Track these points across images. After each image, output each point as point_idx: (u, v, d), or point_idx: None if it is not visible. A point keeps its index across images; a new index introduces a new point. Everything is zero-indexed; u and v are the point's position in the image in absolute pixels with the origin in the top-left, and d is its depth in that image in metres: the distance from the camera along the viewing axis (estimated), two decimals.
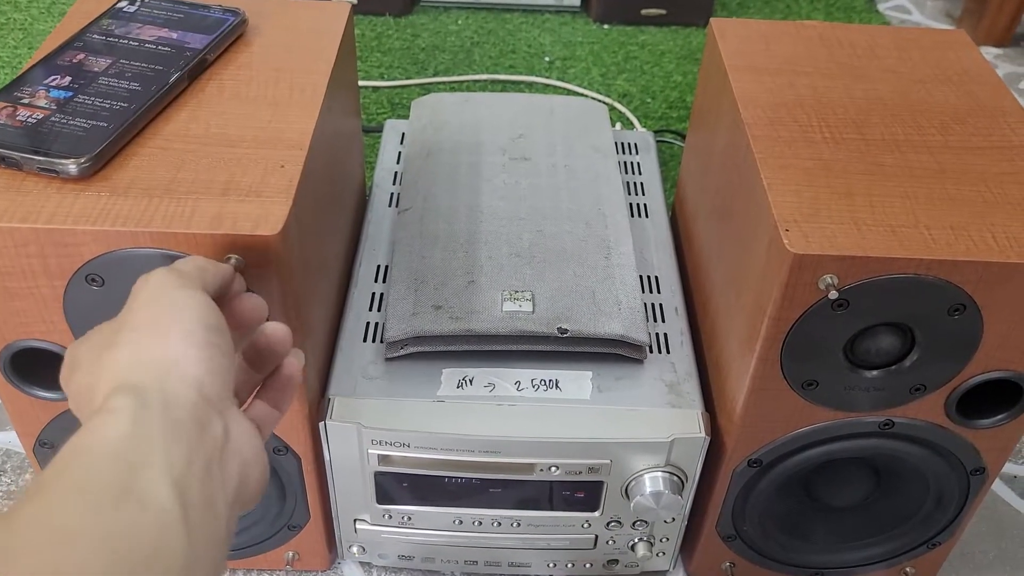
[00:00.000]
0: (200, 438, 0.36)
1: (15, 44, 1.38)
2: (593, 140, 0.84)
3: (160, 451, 0.34)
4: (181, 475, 0.34)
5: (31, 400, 0.60)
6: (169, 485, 0.33)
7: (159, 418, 0.35)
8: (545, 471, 0.64)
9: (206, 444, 0.36)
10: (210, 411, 0.37)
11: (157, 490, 0.33)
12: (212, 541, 0.34)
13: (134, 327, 0.39)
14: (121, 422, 0.35)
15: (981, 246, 0.53)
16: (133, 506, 0.32)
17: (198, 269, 0.43)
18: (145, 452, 0.34)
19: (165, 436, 0.35)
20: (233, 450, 0.38)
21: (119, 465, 0.33)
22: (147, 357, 0.37)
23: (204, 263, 0.44)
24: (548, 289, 0.68)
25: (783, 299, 0.54)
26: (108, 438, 0.34)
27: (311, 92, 0.61)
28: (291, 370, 0.47)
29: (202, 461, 0.35)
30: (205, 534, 0.34)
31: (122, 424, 0.34)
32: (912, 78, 0.68)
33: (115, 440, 0.34)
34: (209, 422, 0.37)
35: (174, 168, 0.54)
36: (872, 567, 0.74)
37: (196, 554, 0.33)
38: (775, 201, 0.55)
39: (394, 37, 1.46)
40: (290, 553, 0.73)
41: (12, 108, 0.54)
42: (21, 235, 0.50)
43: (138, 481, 0.33)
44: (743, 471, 0.65)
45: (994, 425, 0.61)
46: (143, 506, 0.32)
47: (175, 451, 0.34)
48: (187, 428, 0.36)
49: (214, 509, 0.35)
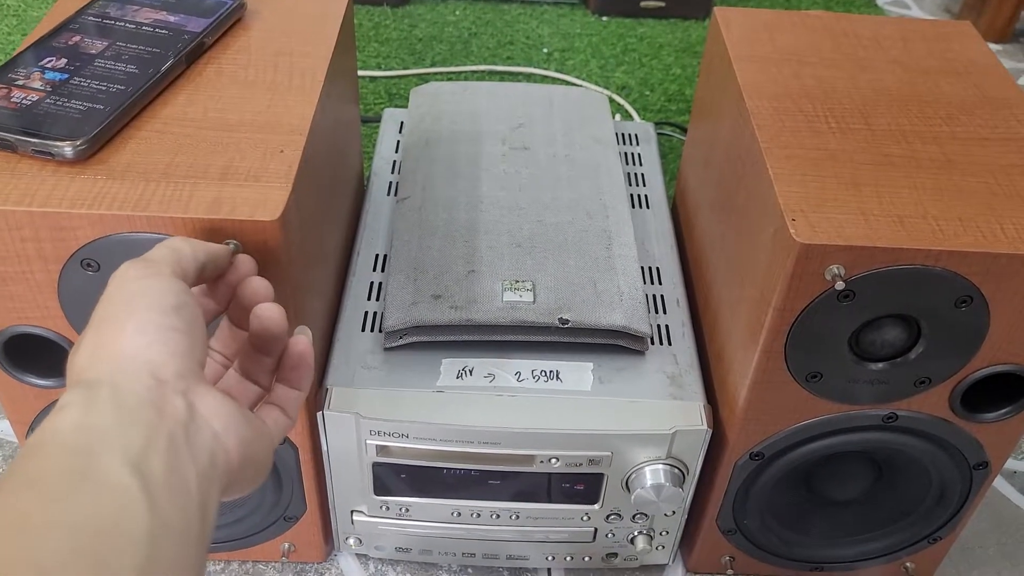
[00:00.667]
0: (158, 419, 0.36)
1: (8, 30, 1.37)
2: (594, 130, 0.84)
3: (115, 436, 0.34)
4: (139, 455, 0.34)
5: (24, 387, 0.59)
6: (125, 464, 0.33)
7: (110, 407, 0.35)
8: (545, 463, 0.63)
9: (166, 423, 0.36)
10: (167, 392, 0.37)
11: (114, 471, 0.33)
12: (180, 511, 0.34)
13: (94, 324, 0.39)
14: (71, 416, 0.35)
15: (989, 237, 0.52)
16: (90, 488, 0.32)
17: (172, 251, 0.43)
18: (99, 438, 0.34)
19: (119, 422, 0.35)
20: (201, 425, 0.37)
21: (74, 452, 0.33)
22: (102, 351, 0.38)
23: (180, 244, 0.43)
24: (549, 279, 0.67)
25: (788, 290, 0.53)
26: (61, 432, 0.34)
27: (311, 77, 0.60)
28: (300, 347, 0.47)
29: (164, 440, 0.35)
30: (171, 504, 0.34)
31: (72, 417, 0.35)
32: (918, 69, 0.67)
33: (67, 432, 0.34)
34: (166, 402, 0.36)
35: (171, 152, 0.53)
36: (872, 562, 0.73)
37: (162, 525, 0.33)
38: (781, 191, 0.55)
39: (392, 27, 1.45)
40: (286, 544, 0.72)
41: (7, 89, 0.53)
42: (15, 218, 0.49)
43: (94, 465, 0.33)
44: (744, 464, 0.64)
45: (998, 419, 0.61)
46: (100, 487, 0.32)
47: (131, 434, 0.34)
48: (142, 412, 0.35)
49: (183, 483, 0.35)
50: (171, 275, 0.41)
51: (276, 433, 0.45)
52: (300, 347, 0.47)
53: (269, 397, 0.46)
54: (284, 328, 0.46)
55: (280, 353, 0.47)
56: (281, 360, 0.47)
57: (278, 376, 0.47)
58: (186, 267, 0.42)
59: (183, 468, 0.35)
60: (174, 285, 0.40)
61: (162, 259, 0.42)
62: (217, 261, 0.45)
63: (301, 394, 0.47)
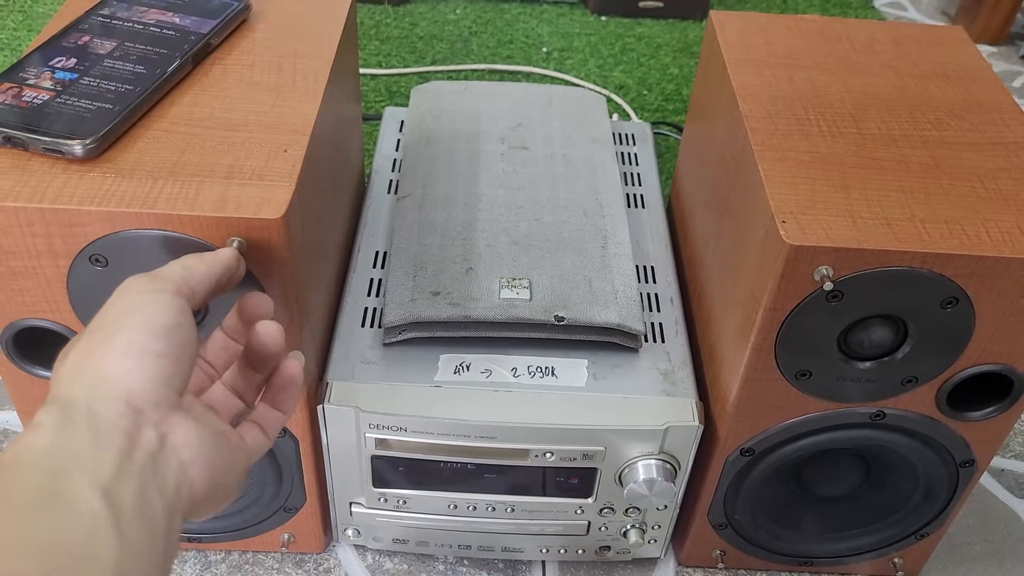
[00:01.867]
0: (130, 447, 0.36)
1: (14, 26, 1.38)
2: (591, 130, 0.85)
3: (87, 459, 0.34)
4: (109, 481, 0.34)
5: (32, 379, 0.60)
6: (97, 489, 0.33)
7: (83, 430, 0.35)
8: (540, 457, 0.65)
9: (138, 452, 0.36)
10: (139, 421, 0.37)
11: (86, 495, 0.33)
12: (148, 539, 0.34)
13: (87, 333, 0.39)
14: (44, 436, 0.35)
15: (975, 240, 0.53)
16: (62, 510, 0.32)
17: (183, 269, 0.43)
18: (70, 460, 0.34)
19: (92, 445, 0.35)
20: (169, 456, 0.38)
21: (45, 474, 0.33)
22: (85, 368, 0.38)
23: (193, 262, 0.44)
24: (545, 277, 0.68)
25: (778, 290, 0.55)
26: (33, 451, 0.34)
27: (314, 78, 0.62)
28: (292, 370, 0.47)
29: (134, 468, 0.36)
30: (139, 532, 0.34)
31: (46, 437, 0.35)
32: (910, 73, 0.68)
33: (39, 452, 0.34)
34: (138, 431, 0.37)
35: (178, 151, 0.54)
36: (861, 557, 0.75)
37: (129, 550, 0.33)
38: (772, 193, 0.56)
39: (392, 26, 1.46)
40: (286, 535, 0.74)
41: (18, 89, 0.54)
42: (26, 215, 0.50)
43: (65, 487, 0.33)
44: (735, 460, 0.66)
45: (984, 418, 0.62)
46: (72, 510, 0.33)
47: (103, 459, 0.35)
48: (113, 438, 0.36)
49: (150, 512, 0.35)
50: (174, 293, 0.41)
51: (253, 451, 0.45)
52: (292, 370, 0.47)
53: (251, 415, 0.47)
54: (281, 347, 0.46)
55: (270, 372, 0.47)
56: (270, 379, 0.48)
57: (264, 395, 0.48)
58: (196, 286, 0.43)
59: (151, 497, 0.36)
60: (173, 305, 0.40)
61: (170, 276, 0.42)
62: (231, 272, 0.46)
63: (284, 417, 0.48)
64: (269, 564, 0.76)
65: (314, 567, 0.76)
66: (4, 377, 0.60)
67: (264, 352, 0.46)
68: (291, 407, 0.48)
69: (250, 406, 0.47)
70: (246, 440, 0.44)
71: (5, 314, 0.56)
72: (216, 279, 0.45)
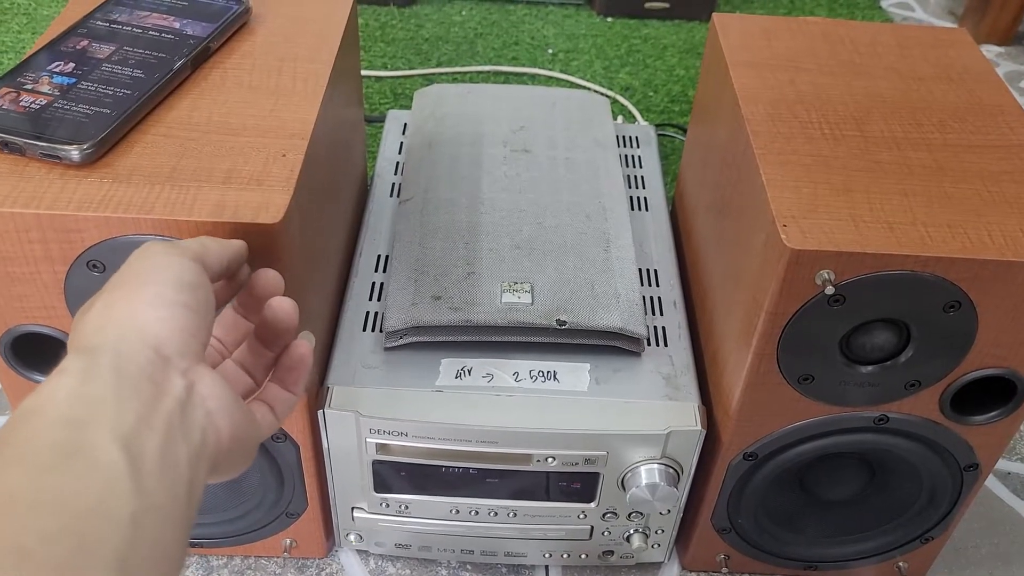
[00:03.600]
0: (155, 395, 0.36)
1: (19, 29, 1.38)
2: (594, 133, 0.85)
3: (109, 408, 0.34)
4: (131, 430, 0.34)
5: (31, 385, 0.60)
6: (116, 440, 0.33)
7: (109, 377, 0.35)
8: (542, 462, 0.64)
9: (163, 401, 0.36)
10: (167, 369, 0.37)
11: (104, 446, 0.33)
12: (169, 491, 0.34)
13: (108, 289, 0.39)
14: (70, 382, 0.35)
15: (977, 244, 0.53)
16: (79, 464, 0.32)
17: (199, 244, 0.44)
18: (92, 410, 0.34)
19: (116, 393, 0.35)
20: (196, 403, 0.38)
21: (66, 425, 0.33)
22: (111, 317, 0.38)
23: (209, 242, 0.45)
24: (547, 281, 0.68)
25: (780, 294, 0.54)
26: (56, 399, 0.34)
27: (313, 82, 0.61)
28: (302, 349, 0.48)
29: (160, 415, 0.35)
30: (159, 484, 0.34)
31: (71, 384, 0.35)
32: (913, 76, 0.68)
33: (63, 400, 0.34)
34: (166, 379, 0.37)
35: (176, 156, 0.54)
36: (865, 561, 0.74)
37: (147, 503, 0.33)
38: (774, 196, 0.55)
39: (398, 27, 1.46)
40: (288, 540, 0.74)
41: (15, 93, 0.54)
42: (23, 220, 0.50)
43: (84, 439, 0.33)
44: (738, 464, 0.65)
45: (988, 422, 0.62)
46: (90, 464, 0.32)
47: (125, 407, 0.35)
48: (140, 386, 0.36)
49: (173, 460, 0.35)
50: (193, 258, 0.42)
51: (264, 428, 0.45)
52: (302, 349, 0.48)
53: (261, 394, 0.47)
54: (295, 323, 0.47)
55: (281, 351, 0.48)
56: (280, 359, 0.48)
57: (274, 375, 0.48)
58: (210, 261, 0.43)
59: (175, 447, 0.35)
60: (195, 267, 0.41)
61: (189, 246, 0.43)
62: (240, 260, 0.47)
63: (293, 397, 0.48)
64: (271, 569, 0.76)
65: (316, 572, 0.76)
66: (3, 383, 0.60)
67: (277, 328, 0.47)
68: (301, 388, 0.48)
69: (259, 384, 0.48)
70: (256, 416, 0.45)
71: (3, 320, 0.56)
72: (228, 261, 0.45)
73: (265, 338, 0.47)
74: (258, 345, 0.48)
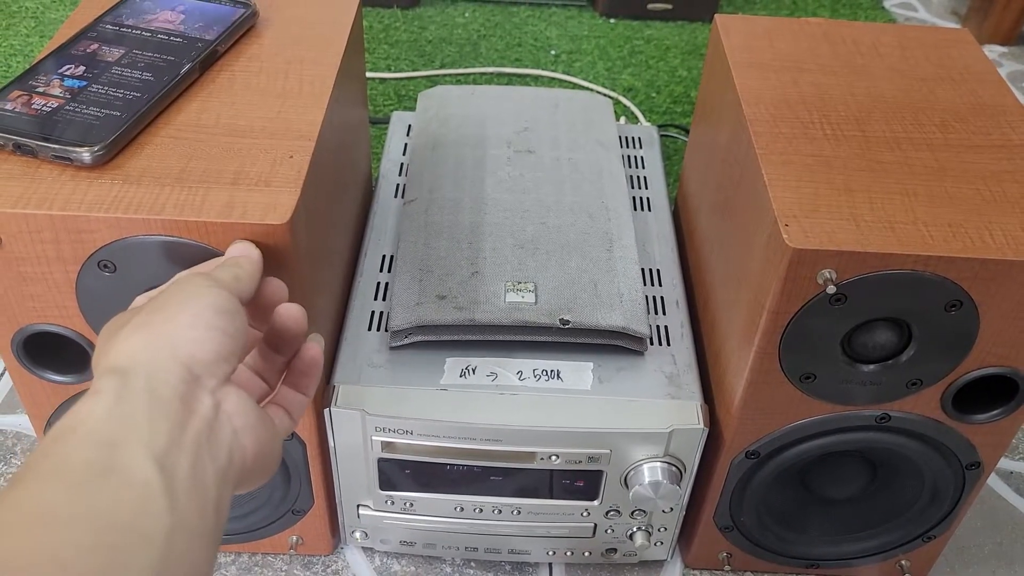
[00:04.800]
0: (185, 415, 0.37)
1: (27, 32, 1.39)
2: (597, 134, 0.85)
3: (143, 428, 0.35)
4: (164, 449, 0.35)
5: (43, 383, 0.61)
6: (150, 459, 0.34)
7: (142, 397, 0.36)
8: (545, 460, 0.65)
9: (193, 420, 0.37)
10: (197, 389, 0.38)
11: (138, 464, 0.34)
12: (199, 510, 0.35)
13: (147, 311, 0.41)
14: (104, 402, 0.36)
15: (978, 243, 0.53)
16: (114, 481, 0.33)
17: (234, 278, 0.45)
18: (126, 430, 0.35)
19: (148, 414, 0.36)
20: (223, 422, 0.39)
21: (101, 443, 0.34)
22: (146, 338, 0.39)
23: (242, 273, 0.46)
24: (551, 281, 0.69)
25: (782, 293, 0.55)
26: (91, 418, 0.35)
27: (320, 84, 0.62)
28: (312, 352, 0.49)
29: (191, 435, 0.36)
30: (190, 503, 0.35)
31: (105, 404, 0.36)
32: (914, 76, 0.68)
33: (98, 420, 0.35)
34: (195, 399, 0.38)
35: (185, 157, 0.55)
36: (867, 559, 0.75)
37: (180, 521, 0.34)
38: (775, 196, 0.56)
39: (401, 29, 1.47)
40: (294, 537, 0.74)
41: (27, 96, 0.55)
42: (36, 221, 0.51)
43: (119, 458, 0.34)
44: (741, 463, 0.66)
45: (989, 420, 0.62)
46: (123, 480, 0.33)
47: (158, 427, 0.36)
48: (171, 405, 0.37)
49: (202, 479, 0.36)
50: (229, 289, 0.43)
51: (282, 431, 0.46)
52: (312, 352, 0.49)
53: (275, 398, 0.48)
54: (303, 328, 0.48)
55: (292, 354, 0.49)
56: (292, 363, 0.49)
57: (287, 379, 0.49)
58: (242, 290, 0.45)
59: (204, 466, 0.37)
60: (231, 296, 0.42)
61: (222, 276, 0.44)
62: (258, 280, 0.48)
63: (306, 399, 0.49)
64: (278, 566, 0.76)
65: (322, 569, 0.77)
66: (15, 381, 0.61)
67: (287, 334, 0.48)
68: (313, 390, 0.49)
69: (272, 387, 0.49)
70: (274, 421, 0.46)
71: (15, 319, 0.57)
72: (254, 286, 0.47)
73: (275, 344, 0.48)
74: (269, 351, 0.48)
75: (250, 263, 0.47)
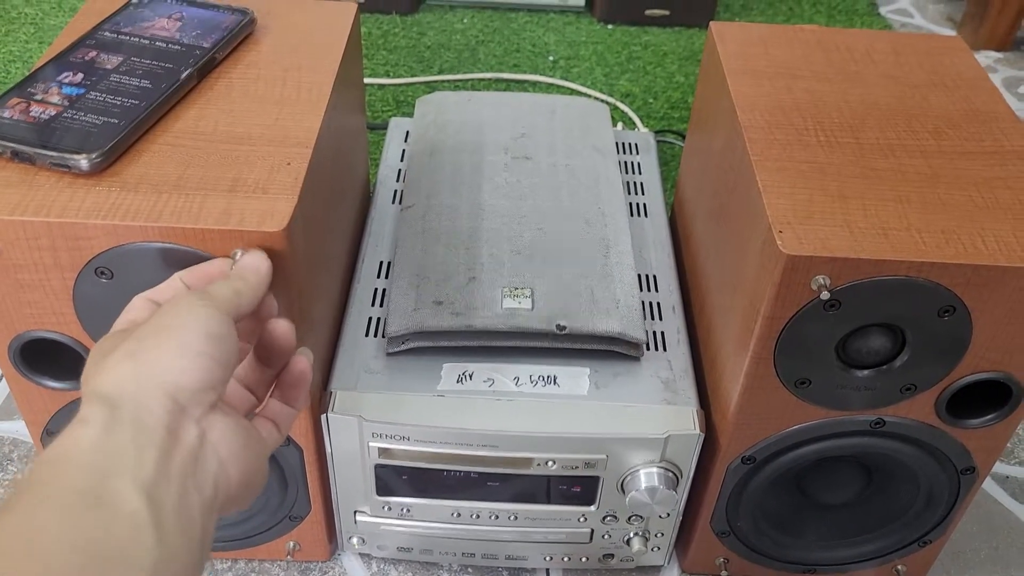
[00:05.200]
0: (172, 444, 0.37)
1: (26, 38, 1.39)
2: (594, 140, 0.86)
3: (130, 458, 0.36)
4: (151, 480, 0.35)
5: (40, 390, 0.61)
6: (139, 490, 0.35)
7: (130, 427, 0.37)
8: (542, 465, 0.65)
9: (179, 450, 0.38)
10: (183, 418, 0.38)
11: (127, 494, 0.34)
12: (185, 540, 0.36)
13: (137, 337, 0.41)
14: (92, 432, 0.36)
15: (971, 249, 0.54)
16: (104, 511, 0.34)
17: (234, 293, 0.45)
18: (115, 460, 0.35)
19: (136, 443, 0.36)
20: (208, 452, 0.39)
21: (90, 473, 0.35)
22: (134, 367, 0.39)
23: (242, 287, 0.46)
24: (547, 286, 0.69)
25: (776, 299, 0.55)
26: (80, 448, 0.36)
27: (317, 91, 0.62)
28: (301, 366, 0.49)
29: (176, 466, 0.37)
30: (177, 534, 0.35)
31: (93, 434, 0.36)
32: (908, 83, 0.69)
33: (87, 450, 0.36)
34: (181, 428, 0.38)
35: (183, 164, 0.55)
36: (864, 564, 0.75)
37: (167, 553, 0.34)
38: (770, 203, 0.56)
39: (400, 35, 1.47)
40: (291, 543, 0.74)
41: (25, 104, 0.55)
42: (33, 228, 0.51)
43: (108, 487, 0.34)
44: (737, 468, 0.66)
45: (983, 425, 0.63)
46: (113, 510, 0.34)
47: (145, 457, 0.36)
48: (158, 435, 0.37)
49: (188, 511, 0.37)
50: (225, 311, 0.43)
51: (270, 445, 0.47)
52: (301, 366, 0.49)
53: (263, 410, 0.48)
54: (292, 344, 0.48)
55: (281, 368, 0.49)
56: (280, 377, 0.49)
57: (275, 392, 0.49)
58: (242, 305, 0.45)
59: (190, 498, 0.37)
60: (224, 320, 0.42)
61: (222, 298, 0.44)
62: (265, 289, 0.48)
63: (295, 412, 0.49)
64: (275, 572, 0.77)
65: (319, 575, 0.77)
66: (12, 388, 0.61)
67: (276, 349, 0.48)
68: (302, 403, 0.50)
69: (260, 400, 0.49)
70: (262, 434, 0.46)
71: (13, 326, 0.57)
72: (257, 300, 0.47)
73: (264, 358, 0.48)
74: (258, 363, 0.49)
75: (257, 276, 0.47)
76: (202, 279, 0.48)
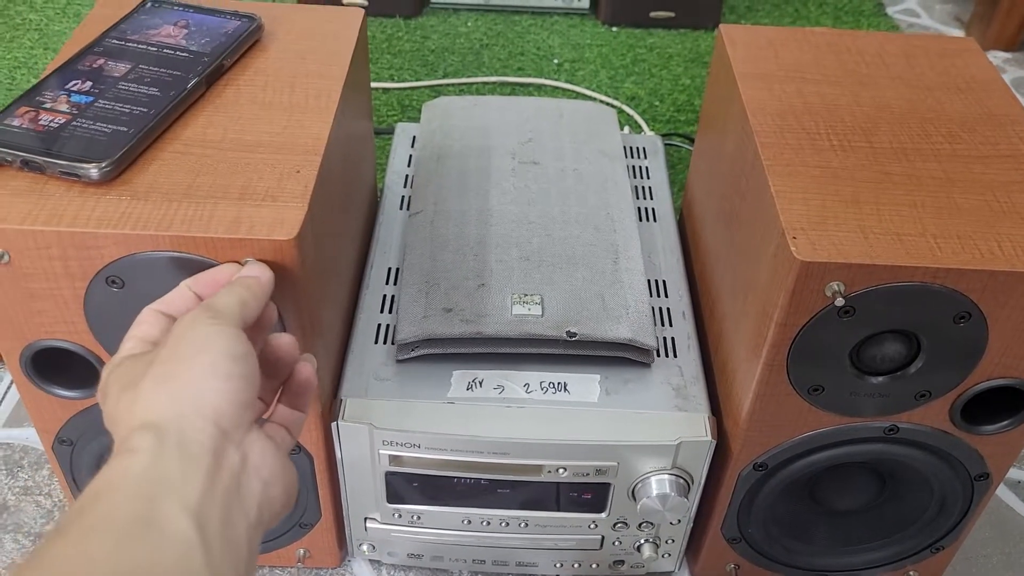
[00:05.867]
0: (217, 468, 0.38)
1: (31, 44, 1.39)
2: (601, 144, 0.85)
3: (178, 484, 0.36)
4: (198, 505, 0.36)
5: (50, 398, 0.61)
6: (187, 515, 0.35)
7: (176, 453, 0.37)
8: (553, 472, 0.65)
9: (223, 474, 0.38)
10: (226, 442, 0.39)
11: (176, 520, 0.35)
12: (232, 561, 0.36)
13: (162, 361, 0.41)
14: (142, 460, 0.37)
15: (987, 255, 0.53)
16: (154, 537, 0.34)
17: (240, 304, 0.45)
18: (163, 486, 0.36)
19: (182, 470, 0.37)
20: (251, 475, 0.40)
21: (140, 499, 0.35)
22: (169, 393, 0.40)
23: (247, 296, 0.46)
24: (557, 293, 0.69)
25: (790, 305, 0.55)
26: (128, 476, 0.36)
27: (326, 98, 0.62)
28: (306, 373, 0.50)
29: (220, 489, 0.38)
30: (225, 557, 0.36)
31: (142, 462, 0.37)
32: (920, 86, 0.68)
33: (135, 477, 0.36)
34: (225, 452, 0.39)
35: (193, 173, 0.55)
36: (876, 570, 0.74)
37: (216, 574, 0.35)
38: (783, 208, 0.56)
39: (404, 39, 1.47)
40: (301, 550, 0.74)
41: (35, 113, 0.55)
42: (44, 238, 0.51)
43: (158, 513, 0.35)
44: (748, 474, 0.66)
45: (998, 432, 0.62)
46: (163, 536, 0.34)
47: (192, 483, 0.37)
48: (203, 460, 0.38)
49: (234, 533, 0.37)
50: (237, 326, 0.43)
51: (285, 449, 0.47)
52: (305, 374, 0.50)
53: (273, 416, 0.49)
54: (295, 357, 0.49)
55: (286, 376, 0.49)
56: (286, 384, 0.50)
57: (283, 399, 0.50)
58: (247, 316, 0.45)
59: (236, 520, 0.38)
60: (241, 337, 0.43)
61: (230, 313, 0.44)
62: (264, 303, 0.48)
63: (304, 416, 0.50)
64: None
65: None
66: (23, 396, 0.61)
67: (279, 362, 0.49)
68: (308, 408, 0.50)
69: (268, 405, 0.49)
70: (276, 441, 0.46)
71: (24, 335, 0.57)
72: (261, 308, 0.47)
73: (269, 369, 0.49)
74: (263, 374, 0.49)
75: (260, 286, 0.48)
76: (210, 285, 0.48)
